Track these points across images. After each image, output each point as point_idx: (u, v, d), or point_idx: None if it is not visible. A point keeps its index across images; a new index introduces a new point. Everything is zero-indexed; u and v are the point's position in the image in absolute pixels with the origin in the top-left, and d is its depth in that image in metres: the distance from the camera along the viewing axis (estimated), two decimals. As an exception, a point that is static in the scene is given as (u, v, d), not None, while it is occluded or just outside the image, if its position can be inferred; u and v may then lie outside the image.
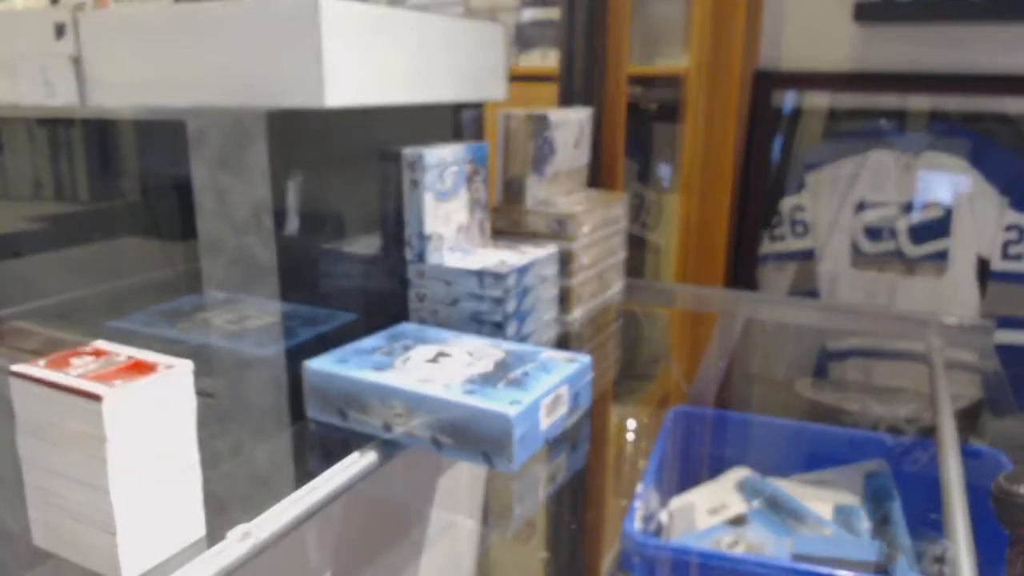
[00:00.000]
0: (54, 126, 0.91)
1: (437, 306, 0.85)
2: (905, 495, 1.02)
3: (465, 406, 0.62)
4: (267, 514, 0.56)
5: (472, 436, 0.62)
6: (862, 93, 1.64)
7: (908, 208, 1.59)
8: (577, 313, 1.04)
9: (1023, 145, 1.53)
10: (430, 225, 0.84)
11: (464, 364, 0.70)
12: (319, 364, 0.70)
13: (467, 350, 0.74)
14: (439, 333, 0.79)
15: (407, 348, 0.74)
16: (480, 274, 0.82)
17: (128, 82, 0.80)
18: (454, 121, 1.01)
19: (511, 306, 0.84)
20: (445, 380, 0.66)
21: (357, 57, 0.75)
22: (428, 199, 0.83)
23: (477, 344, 0.76)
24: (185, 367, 0.52)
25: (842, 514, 1.02)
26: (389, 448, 0.67)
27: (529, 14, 1.83)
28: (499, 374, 0.67)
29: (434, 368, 0.68)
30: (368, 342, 0.76)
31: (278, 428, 0.76)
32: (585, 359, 0.72)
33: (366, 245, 0.88)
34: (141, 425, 0.49)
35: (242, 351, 0.76)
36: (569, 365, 0.70)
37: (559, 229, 1.00)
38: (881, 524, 0.97)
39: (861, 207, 1.63)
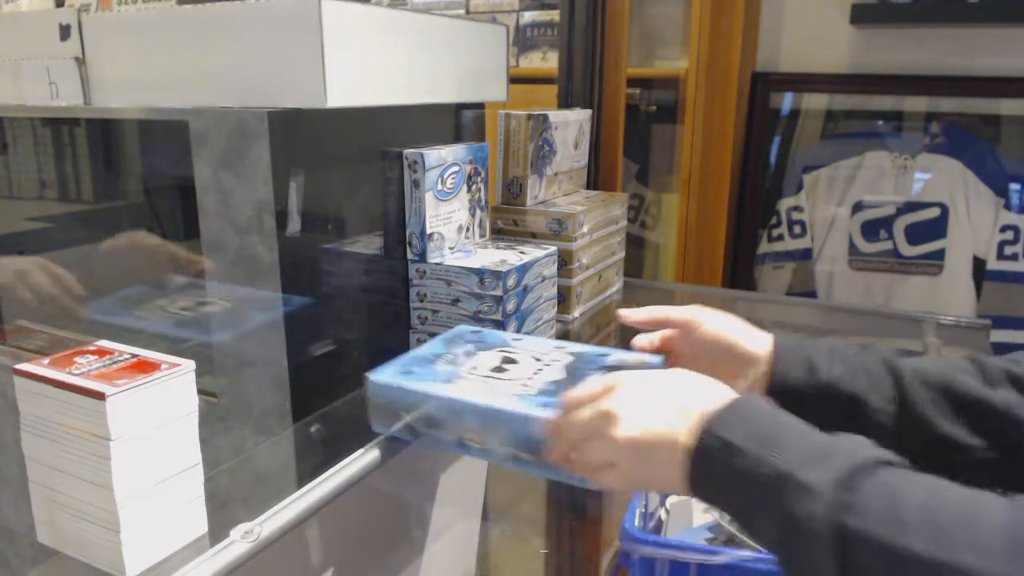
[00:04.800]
0: (58, 126, 0.91)
1: (438, 305, 0.86)
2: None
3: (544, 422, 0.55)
4: (269, 512, 0.56)
5: None
6: (859, 95, 1.64)
7: (904, 209, 1.60)
8: (576, 312, 1.04)
9: (1018, 146, 1.54)
10: (431, 225, 0.85)
11: (533, 371, 0.64)
12: (382, 377, 0.64)
13: (533, 355, 0.68)
14: (498, 336, 0.74)
15: (470, 355, 0.68)
16: (480, 273, 0.83)
17: (131, 83, 0.80)
18: (455, 122, 1.01)
19: (511, 305, 0.84)
20: (518, 391, 0.60)
21: (359, 58, 0.75)
22: (429, 199, 0.84)
23: (541, 347, 0.70)
24: (188, 367, 0.52)
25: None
26: (389, 446, 0.67)
27: (529, 16, 1.83)
28: (572, 382, 0.60)
29: (503, 377, 0.63)
30: (428, 348, 0.70)
31: (269, 423, 0.76)
32: (656, 359, 0.66)
33: (367, 244, 0.88)
34: (144, 423, 0.50)
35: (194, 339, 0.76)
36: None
37: (559, 229, 1.00)
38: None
39: (858, 208, 1.64)
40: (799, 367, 0.60)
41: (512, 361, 0.67)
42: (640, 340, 0.67)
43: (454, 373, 0.64)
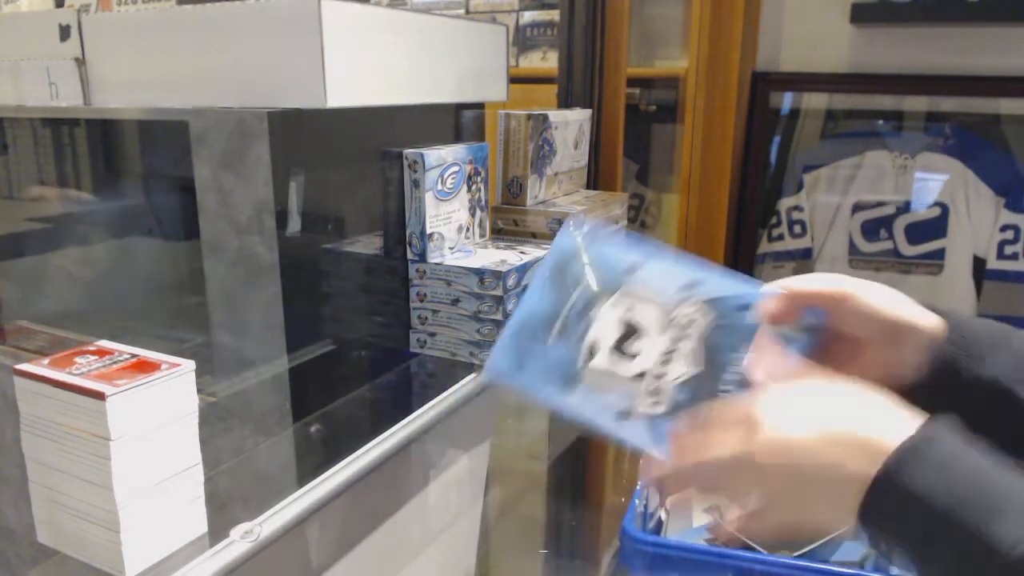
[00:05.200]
0: (58, 127, 0.91)
1: (438, 305, 0.86)
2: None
3: None
4: (269, 512, 0.56)
5: None
6: (859, 94, 1.64)
7: (905, 208, 1.60)
8: (576, 313, 1.04)
9: (1018, 146, 1.54)
10: (431, 225, 0.85)
11: (662, 354, 0.55)
12: (501, 366, 0.56)
13: (655, 316, 0.56)
14: (613, 263, 0.59)
15: (583, 315, 0.57)
16: (480, 273, 0.83)
17: (131, 83, 0.80)
18: (455, 122, 1.01)
19: (511, 305, 0.84)
20: (649, 406, 0.53)
21: (358, 58, 0.76)
22: (429, 199, 0.84)
23: (664, 294, 0.57)
24: (188, 366, 0.52)
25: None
26: (389, 446, 0.67)
27: (529, 16, 1.83)
28: (713, 379, 0.53)
29: (629, 372, 0.54)
30: (537, 297, 0.58)
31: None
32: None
33: (367, 244, 0.89)
34: (144, 423, 0.50)
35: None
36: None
37: (559, 229, 1.00)
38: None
39: (858, 207, 1.64)
40: (971, 349, 0.53)
41: (634, 331, 0.56)
42: (772, 313, 0.53)
43: (572, 364, 0.55)
